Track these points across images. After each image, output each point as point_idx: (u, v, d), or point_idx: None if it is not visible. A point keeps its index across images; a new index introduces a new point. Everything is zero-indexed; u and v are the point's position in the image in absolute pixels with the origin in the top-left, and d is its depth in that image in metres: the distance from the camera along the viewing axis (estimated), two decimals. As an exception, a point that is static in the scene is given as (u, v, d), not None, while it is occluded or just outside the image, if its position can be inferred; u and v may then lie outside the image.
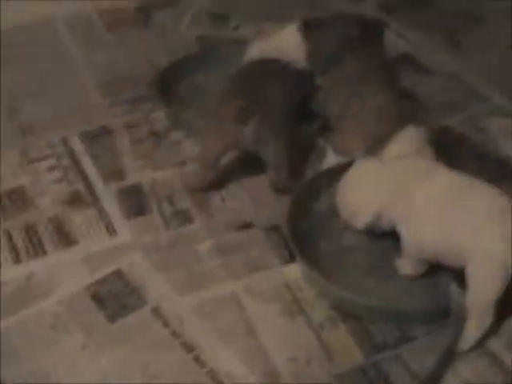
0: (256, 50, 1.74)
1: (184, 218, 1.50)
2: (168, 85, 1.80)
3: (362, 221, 1.36)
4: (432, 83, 1.93)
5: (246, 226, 1.48)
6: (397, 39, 2.07)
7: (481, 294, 1.22)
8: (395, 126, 1.47)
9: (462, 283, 1.27)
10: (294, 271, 1.38)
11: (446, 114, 1.81)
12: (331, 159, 1.56)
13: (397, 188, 1.33)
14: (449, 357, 1.21)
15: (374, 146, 1.47)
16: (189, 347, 1.25)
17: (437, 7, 2.29)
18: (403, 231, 1.32)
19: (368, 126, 1.50)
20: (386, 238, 1.39)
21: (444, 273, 1.35)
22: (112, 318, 1.31)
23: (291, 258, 1.40)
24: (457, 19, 2.23)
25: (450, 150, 1.65)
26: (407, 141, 1.46)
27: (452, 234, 1.24)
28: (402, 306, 1.31)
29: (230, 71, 1.67)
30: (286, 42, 1.74)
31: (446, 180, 1.31)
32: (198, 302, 1.32)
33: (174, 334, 1.27)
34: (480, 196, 1.27)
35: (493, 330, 1.24)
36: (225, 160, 1.56)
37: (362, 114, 1.52)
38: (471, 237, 1.22)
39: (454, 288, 1.29)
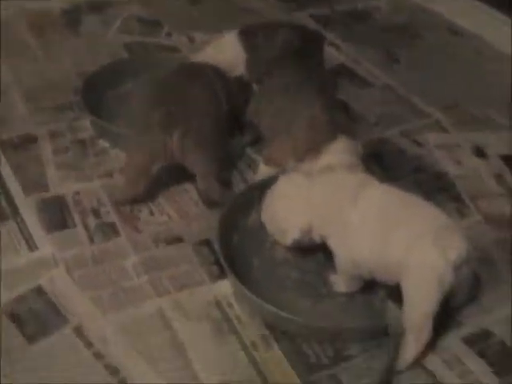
0: (198, 57, 1.70)
1: (110, 231, 1.43)
2: (94, 92, 1.72)
3: (290, 237, 1.31)
4: (369, 96, 1.91)
5: (175, 240, 1.42)
6: (333, 51, 2.03)
7: (417, 309, 1.19)
8: (328, 138, 1.41)
9: (399, 300, 1.24)
10: (225, 288, 1.32)
11: (384, 126, 1.78)
12: (263, 171, 1.51)
13: (327, 203, 1.28)
14: (388, 375, 1.17)
15: (306, 157, 1.41)
16: (113, 369, 1.17)
17: (373, 20, 2.27)
18: (337, 249, 1.28)
19: (299, 137, 1.44)
20: (318, 250, 1.35)
21: (379, 290, 1.31)
22: (31, 338, 1.22)
23: (222, 274, 1.34)
24: (393, 33, 2.22)
25: (387, 162, 1.63)
26: (339, 153, 1.41)
27: (388, 250, 1.21)
28: (337, 325, 1.26)
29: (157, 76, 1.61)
30: (225, 50, 1.69)
31: (380, 195, 1.27)
32: (124, 320, 1.25)
33: (98, 355, 1.20)
34: (416, 212, 1.24)
35: (430, 346, 1.21)
36: (153, 171, 1.48)
37: (293, 125, 1.46)
38: (407, 253, 1.19)
39: (390, 305, 1.25)
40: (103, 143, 1.65)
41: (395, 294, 1.27)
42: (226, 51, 1.70)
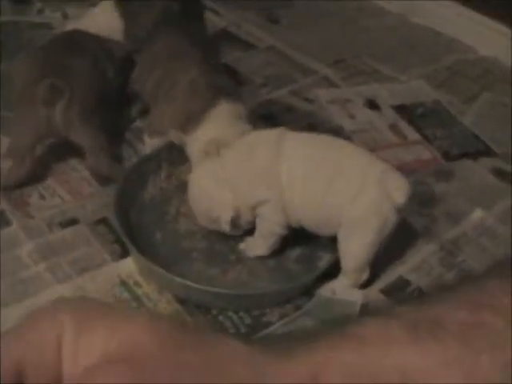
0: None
1: (0, 220, 1.32)
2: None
3: (226, 220, 1.21)
4: (255, 58, 1.86)
5: (71, 222, 1.33)
6: (212, 16, 1.97)
7: (359, 255, 1.18)
8: (210, 103, 1.32)
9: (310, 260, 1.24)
10: (129, 266, 1.24)
11: (272, 87, 1.74)
12: (148, 143, 1.43)
13: (248, 166, 1.21)
14: None
15: (189, 123, 1.32)
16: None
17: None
18: (266, 210, 1.20)
19: (180, 103, 1.35)
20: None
21: (290, 252, 1.28)
22: None
23: (124, 253, 1.26)
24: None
25: (279, 121, 1.58)
26: (222, 118, 1.31)
27: (327, 202, 1.16)
28: (251, 291, 1.21)
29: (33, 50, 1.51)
30: (101, 18, 1.60)
31: (304, 145, 1.20)
32: (26, 312, 1.15)
33: None
34: (353, 159, 1.19)
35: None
36: (39, 150, 1.39)
37: (173, 92, 1.37)
38: (350, 201, 1.15)
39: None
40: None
41: (306, 254, 1.27)
42: (101, 20, 1.61)
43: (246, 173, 1.21)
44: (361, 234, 1.16)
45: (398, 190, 1.15)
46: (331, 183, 1.16)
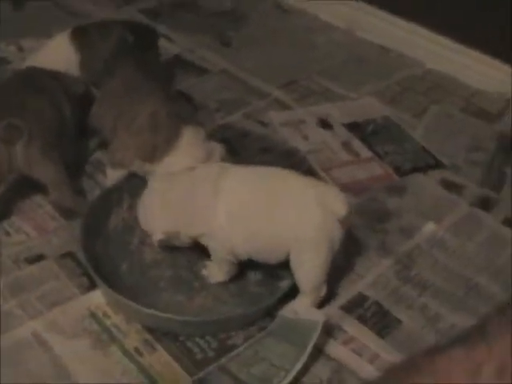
0: (28, 64, 1.62)
1: (-34, 259, 1.35)
2: None
3: (155, 240, 1.29)
4: (208, 83, 1.90)
5: (37, 258, 1.36)
6: (165, 43, 2.00)
7: (313, 273, 1.22)
8: (173, 132, 1.39)
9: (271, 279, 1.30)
10: (97, 298, 1.28)
11: (226, 111, 1.79)
12: (111, 174, 1.47)
13: (188, 204, 1.26)
14: None
15: (153, 155, 1.38)
16: (-4, 404, 1.12)
17: (200, 7, 2.27)
18: (211, 244, 1.27)
19: (141, 135, 1.41)
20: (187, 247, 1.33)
21: (249, 275, 1.33)
22: None
23: (92, 285, 1.30)
24: (222, 17, 2.22)
25: (235, 146, 1.63)
26: (189, 144, 1.39)
27: (271, 229, 1.21)
28: (216, 317, 1.25)
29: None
30: (56, 52, 1.63)
31: (240, 179, 1.26)
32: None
33: (-25, 389, 1.13)
34: (287, 183, 1.24)
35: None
36: (2, 188, 1.41)
37: (134, 125, 1.42)
38: (294, 225, 1.20)
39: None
40: None
41: (267, 276, 1.31)
42: (57, 54, 1.65)
43: (186, 207, 1.26)
44: (312, 255, 1.21)
45: (337, 203, 1.21)
46: (271, 214, 1.21)
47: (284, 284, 1.29)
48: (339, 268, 1.32)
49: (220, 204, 1.23)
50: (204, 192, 1.25)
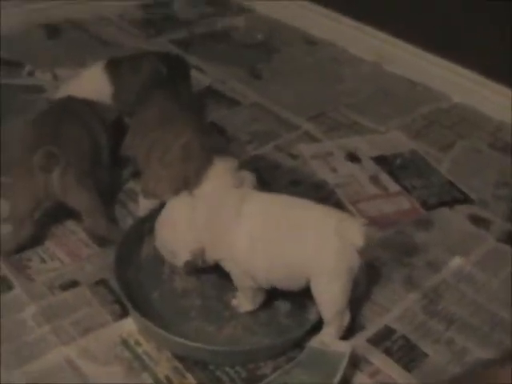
0: (62, 93, 1.67)
1: (3, 285, 1.38)
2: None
3: (181, 260, 1.32)
4: (239, 115, 1.94)
5: (71, 284, 1.39)
6: (196, 74, 2.04)
7: (335, 301, 1.25)
8: (205, 163, 1.43)
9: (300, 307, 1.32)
10: (129, 326, 1.31)
11: (257, 143, 1.82)
12: (144, 204, 1.50)
13: (211, 225, 1.29)
14: None
15: (185, 186, 1.41)
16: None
17: (231, 38, 2.31)
18: (231, 269, 1.29)
19: (173, 167, 1.44)
20: (217, 275, 1.36)
21: (280, 305, 1.35)
22: None
23: (124, 312, 1.33)
24: (253, 49, 2.26)
25: (265, 177, 1.66)
26: (219, 176, 1.42)
27: (290, 256, 1.24)
28: (246, 347, 1.27)
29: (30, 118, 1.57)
30: (91, 83, 1.68)
31: (263, 205, 1.29)
32: (32, 376, 1.21)
33: (9, 416, 1.16)
34: (309, 212, 1.27)
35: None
36: (37, 215, 1.45)
37: (167, 156, 1.46)
38: (313, 252, 1.23)
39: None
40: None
41: (296, 307, 1.33)
42: (91, 84, 1.69)
43: (209, 227, 1.29)
44: (331, 283, 1.24)
45: (356, 233, 1.23)
46: (291, 241, 1.24)
47: (312, 316, 1.31)
48: (365, 300, 1.35)
49: (241, 227, 1.26)
50: (227, 215, 1.28)
